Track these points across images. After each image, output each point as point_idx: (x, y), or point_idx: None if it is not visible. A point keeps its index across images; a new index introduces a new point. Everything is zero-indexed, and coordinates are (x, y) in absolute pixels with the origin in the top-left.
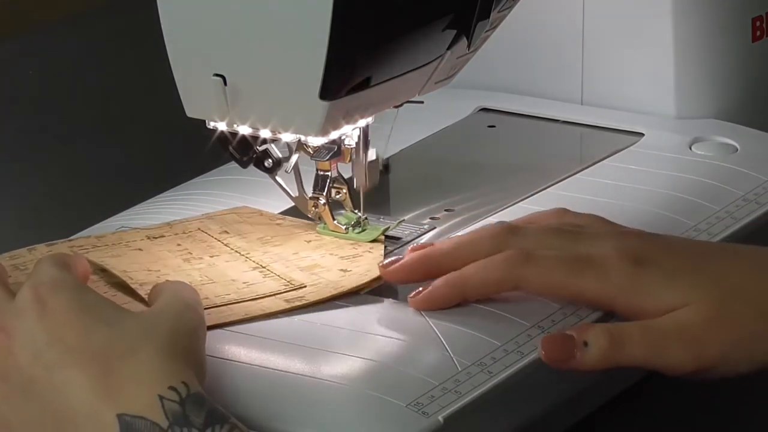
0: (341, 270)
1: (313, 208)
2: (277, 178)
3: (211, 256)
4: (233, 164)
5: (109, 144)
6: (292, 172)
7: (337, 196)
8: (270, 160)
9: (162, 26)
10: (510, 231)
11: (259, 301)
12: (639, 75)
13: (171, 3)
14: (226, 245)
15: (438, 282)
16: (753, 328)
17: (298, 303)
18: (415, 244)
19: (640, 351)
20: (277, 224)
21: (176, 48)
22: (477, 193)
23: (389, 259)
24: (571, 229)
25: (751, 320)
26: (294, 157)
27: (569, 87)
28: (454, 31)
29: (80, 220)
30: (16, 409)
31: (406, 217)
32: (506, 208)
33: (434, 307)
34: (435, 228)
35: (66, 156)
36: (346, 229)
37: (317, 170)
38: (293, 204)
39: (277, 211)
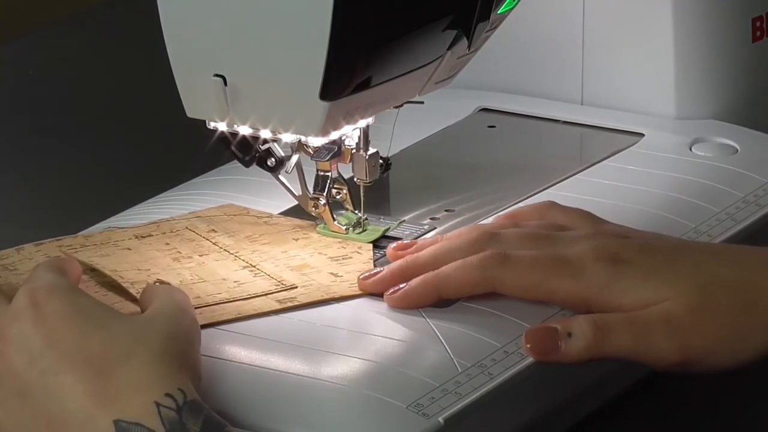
0: (332, 273)
1: (314, 208)
2: (280, 177)
3: (200, 255)
4: (233, 164)
5: (108, 144)
6: (294, 171)
7: (338, 197)
8: (272, 159)
9: (162, 26)
10: (490, 237)
11: (250, 300)
12: (639, 75)
13: (171, 3)
14: (214, 244)
15: (415, 281)
16: (735, 318)
17: (289, 304)
18: (398, 243)
19: (625, 341)
20: (264, 222)
21: (176, 48)
22: (477, 193)
23: (368, 272)
24: (549, 233)
25: (732, 310)
26: (294, 158)
27: (569, 87)
28: (455, 32)
29: (79, 220)
30: (12, 413)
31: (406, 218)
32: (506, 208)
33: (410, 305)
34: (435, 228)
35: (65, 156)
36: (346, 229)
37: (317, 170)
38: (295, 203)
39: (278, 211)
